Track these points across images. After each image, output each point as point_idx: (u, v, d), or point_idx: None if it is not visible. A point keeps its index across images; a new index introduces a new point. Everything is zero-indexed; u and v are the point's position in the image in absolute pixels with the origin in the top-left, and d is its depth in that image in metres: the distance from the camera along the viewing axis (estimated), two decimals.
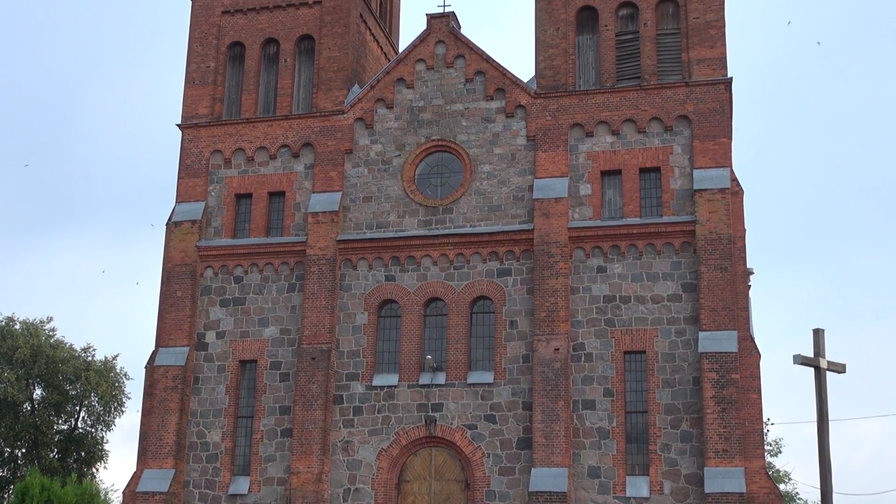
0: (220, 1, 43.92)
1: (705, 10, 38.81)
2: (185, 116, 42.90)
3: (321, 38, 42.40)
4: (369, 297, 39.50)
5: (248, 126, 42.19)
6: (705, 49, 38.48)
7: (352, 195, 40.57)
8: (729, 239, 36.38)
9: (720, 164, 37.36)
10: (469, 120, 40.30)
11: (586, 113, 38.99)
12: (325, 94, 41.74)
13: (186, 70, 43.39)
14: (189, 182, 42.11)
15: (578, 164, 38.77)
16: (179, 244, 41.31)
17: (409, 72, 41.27)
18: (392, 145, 40.80)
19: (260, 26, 43.38)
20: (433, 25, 41.49)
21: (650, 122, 38.48)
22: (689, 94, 38.23)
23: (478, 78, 40.63)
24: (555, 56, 39.85)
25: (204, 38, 43.61)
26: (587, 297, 37.55)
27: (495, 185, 39.37)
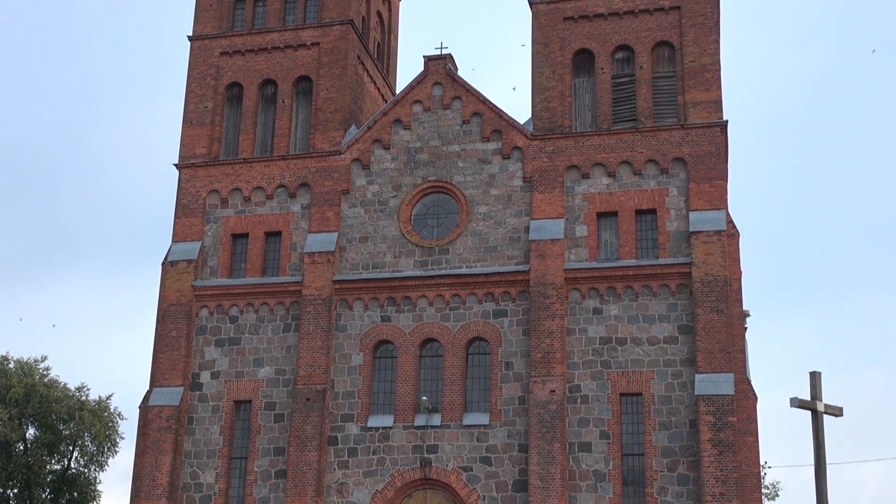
0: (219, 42, 44.19)
1: (701, 54, 39.09)
2: (183, 156, 43.01)
3: (319, 80, 42.63)
4: (365, 337, 39.39)
5: (245, 166, 42.29)
6: (701, 92, 38.70)
7: (348, 235, 40.59)
8: (725, 281, 36.38)
9: (716, 206, 37.45)
10: (465, 161, 40.44)
11: (582, 155, 39.13)
12: (323, 135, 41.90)
13: (184, 110, 43.58)
14: (186, 221, 42.13)
15: (574, 206, 38.85)
16: (175, 284, 41.24)
17: (406, 113, 41.45)
18: (389, 186, 40.89)
19: (258, 67, 43.61)
20: (430, 67, 41.74)
21: (646, 164, 38.62)
22: (685, 137, 38.40)
23: (474, 119, 40.82)
24: (551, 98, 40.06)
25: (202, 78, 43.83)
26: (583, 338, 37.47)
27: (491, 226, 39.42)
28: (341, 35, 42.91)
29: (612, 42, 40.23)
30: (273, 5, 44.28)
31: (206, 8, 44.78)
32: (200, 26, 44.61)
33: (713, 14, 39.54)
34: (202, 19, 44.68)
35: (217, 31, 44.32)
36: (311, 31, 43.30)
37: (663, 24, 39.91)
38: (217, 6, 44.73)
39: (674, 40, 39.61)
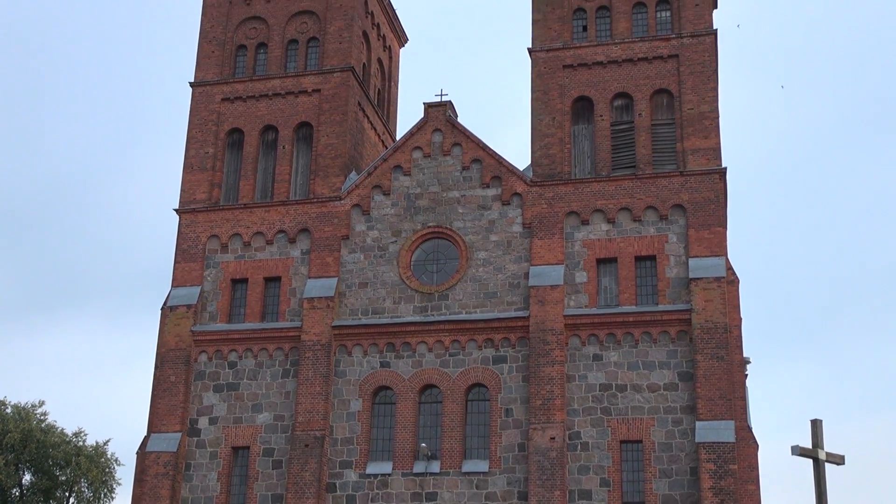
0: (220, 88, 44.47)
1: (699, 102, 39.34)
2: (183, 202, 43.12)
3: (319, 126, 42.86)
4: (364, 383, 39.25)
5: (245, 211, 42.39)
6: (700, 139, 38.91)
7: (348, 281, 40.59)
8: (725, 328, 36.32)
9: (715, 252, 37.50)
10: (465, 207, 40.54)
11: (582, 201, 39.24)
12: (323, 181, 42.04)
13: (185, 156, 43.75)
14: (185, 267, 42.15)
15: (574, 252, 38.89)
16: (174, 329, 41.17)
17: (406, 159, 41.63)
18: (388, 232, 40.96)
19: (259, 113, 43.87)
20: (430, 114, 41.99)
21: (645, 210, 38.73)
22: (684, 184, 38.54)
23: (474, 166, 40.99)
24: (551, 145, 40.26)
25: (203, 124, 44.06)
26: (583, 385, 37.34)
27: (491, 271, 39.43)
28: (342, 82, 43.22)
29: (611, 89, 40.51)
30: (275, 52, 44.64)
31: (207, 55, 45.14)
32: (202, 73, 44.93)
33: (711, 62, 39.86)
34: (204, 66, 45.02)
35: (219, 78, 44.63)
36: (313, 78, 43.61)
37: (662, 72, 40.22)
38: (219, 53, 45.08)
39: (672, 88, 39.90)
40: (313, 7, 44.95)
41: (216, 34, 45.43)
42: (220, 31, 45.44)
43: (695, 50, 40.04)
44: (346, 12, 44.27)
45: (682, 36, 40.32)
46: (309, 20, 44.97)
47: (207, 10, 45.90)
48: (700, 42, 40.12)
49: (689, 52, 40.05)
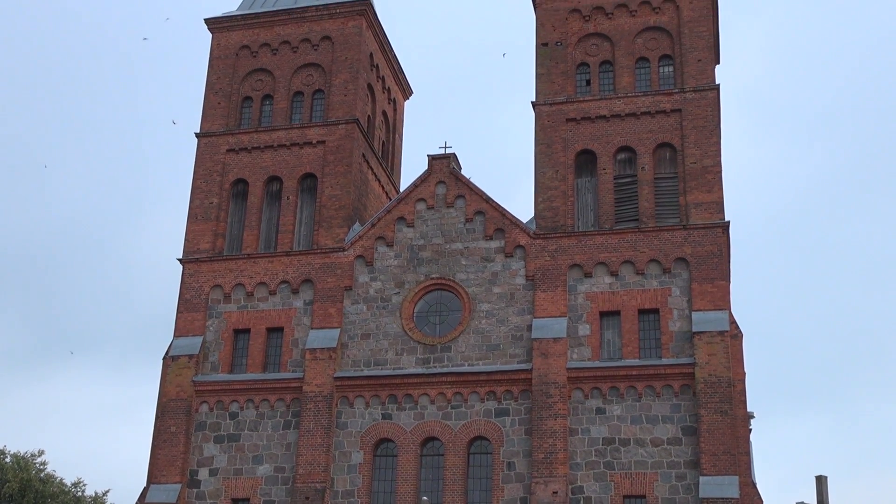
0: (226, 139, 44.75)
1: (702, 156, 39.53)
2: (187, 251, 43.20)
3: (324, 177, 43.06)
4: (365, 435, 39.04)
5: (248, 262, 42.45)
6: (702, 193, 39.03)
7: (350, 332, 40.53)
8: (729, 382, 36.18)
9: (719, 306, 37.45)
10: (468, 259, 40.59)
11: (585, 254, 39.29)
12: (327, 232, 42.15)
13: (190, 206, 43.91)
14: (188, 316, 42.11)
15: (577, 305, 38.86)
16: (175, 379, 41.04)
17: (409, 211, 41.76)
18: (391, 283, 40.97)
19: (264, 164, 44.09)
20: (434, 166, 42.19)
21: (648, 263, 38.75)
22: (687, 237, 38.60)
23: (478, 218, 41.10)
24: (554, 198, 40.39)
25: (208, 174, 44.28)
26: (586, 438, 37.13)
27: (494, 324, 39.38)
28: (347, 134, 43.50)
29: (614, 143, 40.73)
30: (280, 104, 44.97)
31: (214, 106, 45.49)
32: (208, 123, 45.25)
33: (714, 117, 40.11)
34: (210, 117, 45.35)
35: (224, 129, 44.94)
36: (317, 130, 43.91)
37: (665, 126, 40.47)
38: (225, 104, 45.43)
39: (675, 142, 40.11)
40: (319, 60, 45.36)
41: (222, 86, 45.82)
42: (227, 82, 45.83)
43: (697, 105, 40.31)
44: (351, 65, 44.68)
45: (684, 91, 40.62)
46: (315, 73, 45.37)
47: (214, 62, 46.35)
48: (702, 97, 40.41)
49: (692, 106, 40.32)
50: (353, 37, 45.20)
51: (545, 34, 42.94)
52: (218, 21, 46.89)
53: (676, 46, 41.64)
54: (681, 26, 41.71)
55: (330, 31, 45.52)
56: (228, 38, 46.61)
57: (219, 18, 46.92)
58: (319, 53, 45.49)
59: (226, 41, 46.59)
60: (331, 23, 45.63)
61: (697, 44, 41.30)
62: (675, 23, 41.99)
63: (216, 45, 46.68)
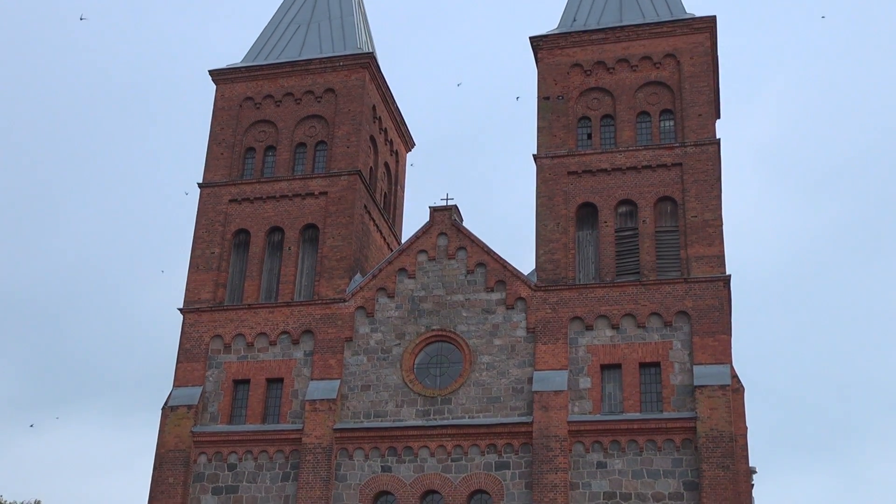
0: (228, 190, 44.92)
1: (703, 210, 39.66)
2: (188, 301, 43.17)
3: (325, 228, 43.16)
4: (365, 488, 38.72)
5: (249, 312, 42.40)
6: (703, 247, 39.10)
7: (350, 383, 40.38)
8: (731, 437, 35.97)
9: (720, 360, 37.36)
10: (469, 311, 40.55)
11: (586, 307, 39.26)
12: (328, 282, 42.16)
13: (191, 255, 43.96)
14: (187, 366, 41.97)
15: (578, 358, 38.76)
16: (174, 429, 40.80)
17: (411, 262, 41.80)
18: (392, 334, 40.90)
19: (266, 215, 44.21)
20: (436, 218, 42.30)
21: (650, 317, 38.71)
22: (688, 291, 38.60)
23: (479, 270, 41.13)
24: (555, 250, 40.46)
25: (210, 225, 44.38)
26: (587, 493, 36.82)
27: (495, 376, 39.24)
28: (349, 185, 43.67)
29: (615, 196, 40.88)
30: (283, 155, 45.20)
31: (217, 156, 45.71)
32: (211, 174, 45.45)
33: (714, 171, 40.31)
34: (213, 167, 45.56)
35: (227, 179, 45.12)
36: (320, 181, 44.08)
37: (666, 180, 40.65)
38: (228, 155, 45.66)
39: (676, 196, 40.27)
40: (322, 112, 45.68)
41: (226, 136, 46.09)
42: (230, 133, 46.11)
43: (698, 159, 40.54)
44: (354, 117, 44.99)
45: (685, 145, 40.86)
46: (318, 124, 45.66)
47: (218, 113, 46.66)
48: (703, 151, 40.64)
49: (693, 160, 40.55)
50: (357, 89, 45.56)
51: (547, 88, 43.30)
52: (222, 73, 47.29)
53: (677, 101, 41.97)
54: (681, 81, 42.08)
55: (333, 83, 45.89)
56: (232, 89, 46.97)
57: (223, 70, 47.32)
58: (322, 105, 45.81)
59: (230, 93, 46.94)
60: (334, 75, 46.01)
61: (698, 99, 41.63)
62: (675, 78, 42.36)
63: (220, 96, 47.02)
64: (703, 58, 42.35)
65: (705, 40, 42.66)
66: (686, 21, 43.01)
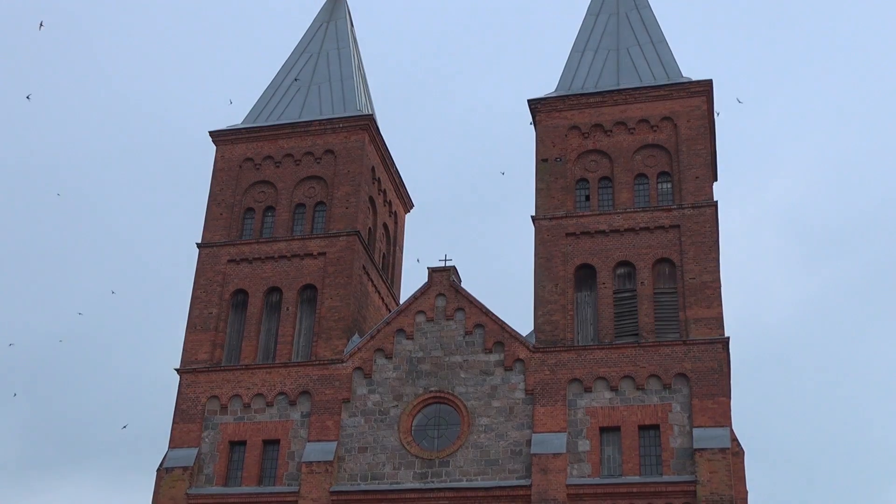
0: (227, 250, 44.95)
1: (701, 271, 39.71)
2: (185, 361, 42.99)
3: (324, 288, 43.14)
4: None
5: (246, 373, 42.21)
6: (702, 309, 39.09)
7: (347, 445, 40.08)
8: (731, 500, 35.65)
9: (720, 423, 37.14)
10: (468, 372, 40.39)
11: (585, 368, 39.13)
12: (326, 343, 42.04)
13: (189, 315, 43.86)
14: (183, 427, 41.66)
15: (577, 420, 38.53)
16: (169, 491, 40.39)
17: (409, 323, 41.72)
18: (390, 395, 40.68)
19: (264, 275, 44.22)
20: (434, 279, 42.31)
21: (649, 379, 38.57)
22: (687, 353, 38.50)
23: (477, 331, 41.04)
24: (553, 311, 40.42)
25: (209, 285, 44.35)
26: None
27: (493, 438, 38.97)
28: (347, 246, 43.75)
29: (613, 258, 40.96)
30: (282, 216, 45.33)
31: (216, 217, 45.82)
32: (210, 234, 45.53)
33: (712, 233, 40.44)
34: (212, 227, 45.65)
35: (226, 240, 45.18)
36: (319, 242, 44.17)
37: (664, 241, 40.76)
38: (227, 215, 45.77)
39: (674, 257, 40.35)
40: (322, 173, 45.91)
41: (225, 197, 46.24)
42: (230, 194, 46.27)
43: (696, 221, 40.69)
44: (353, 178, 45.21)
45: (682, 207, 41.04)
46: (317, 185, 45.86)
47: (218, 174, 46.87)
48: (701, 213, 40.81)
49: (690, 222, 40.69)
50: (356, 151, 45.85)
51: (545, 150, 43.60)
52: (223, 134, 47.60)
53: (674, 163, 42.24)
54: (679, 144, 42.38)
55: (333, 144, 46.19)
56: (232, 150, 47.25)
57: (223, 131, 47.64)
58: (322, 166, 46.06)
59: (230, 153, 47.21)
60: (334, 137, 46.32)
61: (695, 161, 41.90)
62: (673, 140, 42.67)
63: (220, 157, 47.27)
64: (699, 121, 42.70)
65: (702, 104, 43.06)
66: (683, 85, 43.44)
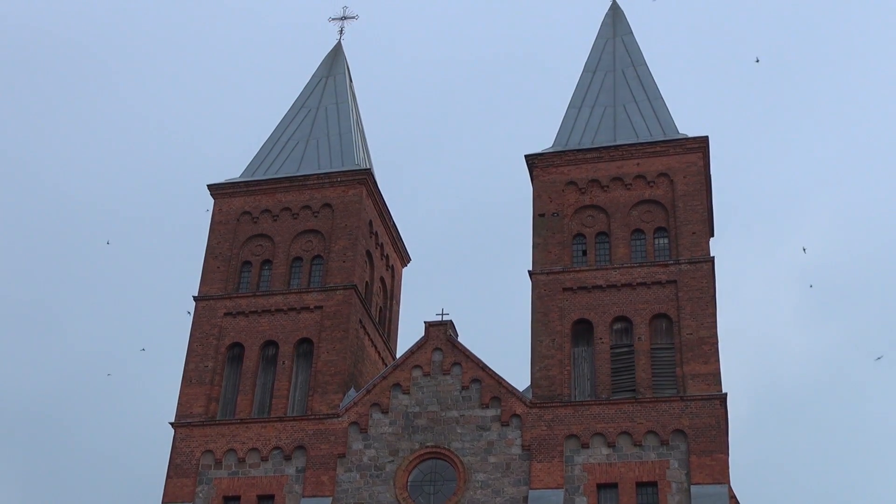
0: (224, 303, 44.88)
1: (698, 327, 39.67)
2: (180, 415, 42.72)
3: (320, 342, 43.02)
4: None
5: (241, 427, 41.94)
6: (699, 364, 39.00)
7: (342, 500, 39.71)
8: None
9: (718, 480, 36.89)
10: (464, 427, 40.15)
11: (582, 424, 38.92)
12: (321, 397, 41.83)
13: (185, 369, 43.67)
14: (177, 482, 41.29)
15: (574, 476, 38.25)
16: None
17: (405, 377, 41.55)
18: (386, 451, 40.39)
19: (260, 329, 44.11)
20: (431, 333, 42.23)
21: (646, 435, 38.35)
22: (685, 409, 38.34)
23: (474, 385, 40.87)
24: (550, 366, 40.30)
25: (205, 338, 44.22)
26: None
27: (489, 494, 38.64)
28: (344, 300, 43.71)
29: (610, 313, 40.93)
30: (279, 269, 45.34)
31: (213, 270, 45.82)
32: (206, 287, 45.49)
33: (709, 288, 40.47)
34: (209, 280, 45.63)
35: (223, 293, 45.13)
36: (315, 295, 44.12)
37: (661, 297, 40.77)
38: (224, 268, 45.77)
39: (671, 313, 40.33)
40: (319, 227, 46.01)
41: (222, 250, 46.27)
42: (227, 247, 46.31)
43: (692, 276, 40.73)
44: (350, 232, 45.30)
45: (679, 263, 41.12)
46: (314, 239, 45.94)
47: (215, 227, 46.94)
48: (697, 269, 40.87)
49: (687, 278, 40.73)
50: (354, 205, 45.99)
51: (542, 205, 43.75)
52: (221, 187, 47.77)
53: (671, 219, 42.38)
54: (675, 200, 42.56)
55: (331, 198, 46.35)
56: (230, 203, 47.36)
57: (222, 185, 47.81)
58: (319, 220, 46.16)
59: (227, 207, 47.32)
60: (332, 190, 46.49)
61: (692, 217, 42.06)
62: (669, 196, 42.86)
63: (218, 210, 47.39)
64: (696, 177, 42.93)
65: (698, 160, 43.33)
66: (679, 141, 43.74)
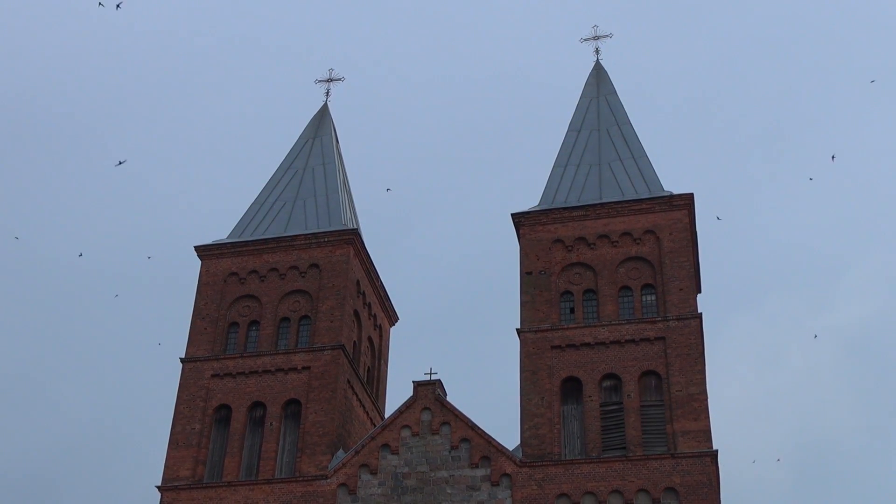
0: (211, 365, 44.60)
1: (687, 384, 39.59)
2: (167, 478, 42.22)
3: (308, 403, 42.73)
4: None
5: (229, 490, 41.46)
6: (689, 421, 38.85)
7: None
8: None
9: None
10: (454, 487, 39.80)
11: (572, 483, 38.63)
12: (309, 459, 41.45)
13: (172, 432, 43.25)
14: None
15: None
16: None
17: (394, 437, 41.24)
18: None
19: (248, 390, 43.80)
20: (420, 392, 42.01)
21: (637, 493, 38.08)
22: (676, 466, 38.12)
23: (463, 445, 40.59)
24: (540, 425, 40.09)
25: (192, 400, 43.86)
26: None
27: None
28: (332, 360, 43.51)
29: (599, 370, 40.84)
30: (266, 330, 45.14)
31: (200, 331, 45.58)
32: (193, 348, 45.22)
33: (697, 345, 40.46)
34: (196, 342, 45.36)
35: (210, 354, 44.85)
36: (303, 356, 43.92)
37: (649, 354, 40.73)
38: (211, 330, 45.52)
39: (660, 370, 40.27)
40: (306, 287, 45.90)
41: (210, 311, 46.06)
42: (214, 308, 46.11)
43: (681, 333, 40.74)
44: (338, 292, 45.20)
45: (667, 319, 41.13)
46: (302, 299, 45.81)
47: (203, 288, 46.78)
48: (686, 325, 40.89)
49: (675, 335, 40.73)
50: (341, 265, 45.96)
51: (529, 263, 43.82)
52: (208, 248, 47.69)
53: (658, 276, 42.47)
54: (662, 257, 42.70)
55: (318, 258, 46.31)
56: (218, 264, 47.26)
57: (209, 246, 47.74)
58: (307, 280, 46.07)
59: (215, 268, 47.21)
60: (319, 251, 46.47)
61: (678, 273, 42.17)
62: (656, 253, 42.99)
63: (205, 271, 47.26)
64: (682, 234, 43.11)
65: (684, 217, 43.55)
66: (664, 198, 43.99)
